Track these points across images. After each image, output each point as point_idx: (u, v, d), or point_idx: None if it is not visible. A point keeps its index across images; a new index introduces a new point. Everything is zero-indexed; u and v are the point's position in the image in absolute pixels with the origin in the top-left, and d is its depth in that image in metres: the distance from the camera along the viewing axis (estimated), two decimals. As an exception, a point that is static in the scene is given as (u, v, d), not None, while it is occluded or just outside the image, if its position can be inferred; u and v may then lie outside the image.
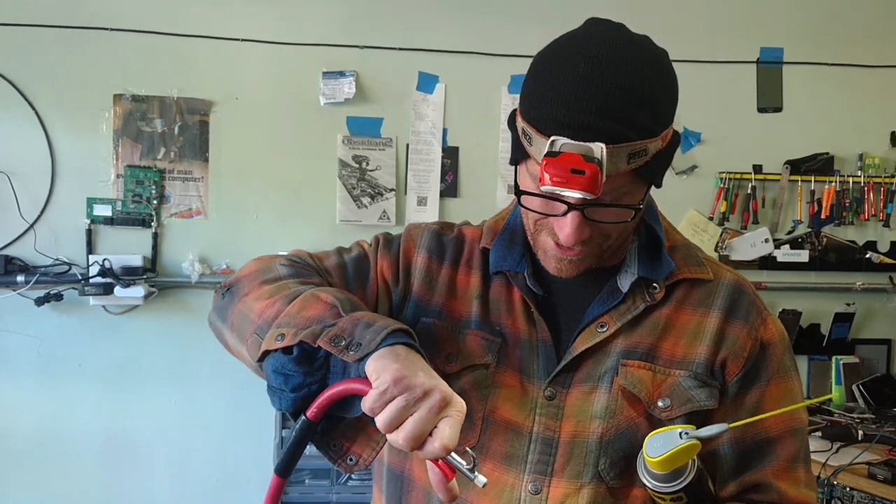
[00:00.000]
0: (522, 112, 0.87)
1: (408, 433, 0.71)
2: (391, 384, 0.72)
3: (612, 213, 0.85)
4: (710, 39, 2.85)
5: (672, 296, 0.95)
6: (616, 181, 0.82)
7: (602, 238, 0.88)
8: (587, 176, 0.78)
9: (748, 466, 0.93)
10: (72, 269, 2.63)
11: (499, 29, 2.74)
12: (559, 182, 0.79)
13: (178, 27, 2.67)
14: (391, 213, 2.78)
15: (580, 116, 0.79)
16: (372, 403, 0.72)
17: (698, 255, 0.99)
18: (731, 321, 0.94)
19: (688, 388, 0.92)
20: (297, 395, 0.80)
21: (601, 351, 0.93)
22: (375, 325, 0.78)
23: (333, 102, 2.74)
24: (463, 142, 2.79)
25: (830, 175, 2.89)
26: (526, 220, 0.93)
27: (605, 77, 0.80)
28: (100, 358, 2.70)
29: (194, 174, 2.71)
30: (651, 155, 0.83)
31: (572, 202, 0.83)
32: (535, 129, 0.83)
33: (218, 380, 2.74)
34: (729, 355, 0.93)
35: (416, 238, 1.03)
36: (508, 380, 0.94)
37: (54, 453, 2.71)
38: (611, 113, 0.79)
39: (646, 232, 0.98)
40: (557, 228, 0.86)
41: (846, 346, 2.95)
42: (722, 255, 2.86)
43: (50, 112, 2.63)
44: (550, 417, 0.92)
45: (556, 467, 0.91)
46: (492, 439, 0.92)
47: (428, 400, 0.72)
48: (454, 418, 0.72)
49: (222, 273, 2.72)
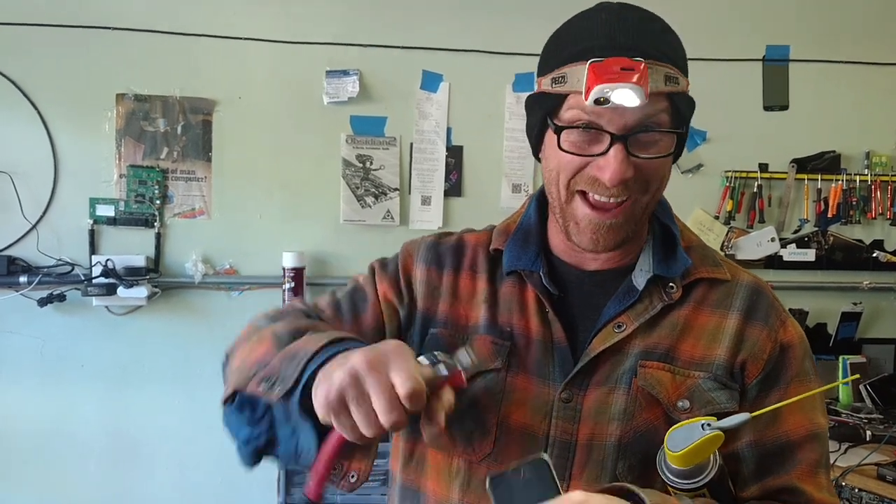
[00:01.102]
0: (547, 68, 0.88)
1: (382, 411, 0.70)
2: (329, 402, 0.71)
3: (655, 147, 0.85)
4: (715, 37, 2.83)
5: (690, 296, 0.94)
6: (655, 107, 0.82)
7: (642, 186, 0.86)
8: (637, 71, 0.78)
9: (770, 471, 0.91)
10: (74, 269, 2.62)
11: (504, 27, 2.72)
12: (609, 79, 0.78)
13: (181, 26, 2.66)
14: (395, 213, 2.77)
15: (619, 36, 0.82)
16: (338, 424, 0.72)
17: (715, 256, 0.98)
18: (751, 323, 0.93)
19: (708, 390, 0.90)
20: (249, 449, 0.79)
21: (619, 352, 0.91)
22: (297, 355, 0.79)
23: (337, 101, 2.72)
24: (467, 141, 2.78)
25: (837, 173, 2.87)
26: (556, 191, 0.90)
27: (631, 17, 0.85)
28: (103, 358, 2.69)
29: (197, 174, 2.70)
30: (682, 89, 0.85)
31: (617, 123, 0.82)
32: (569, 65, 0.83)
33: (221, 380, 2.72)
34: (748, 357, 0.92)
35: (414, 253, 1.03)
36: (521, 383, 0.92)
37: (57, 454, 2.70)
38: (645, 37, 0.83)
39: (660, 230, 0.96)
40: (599, 170, 0.84)
41: (853, 346, 2.92)
42: (728, 254, 2.84)
43: (52, 111, 2.62)
44: (567, 420, 0.90)
45: (574, 472, 0.89)
46: (508, 446, 0.90)
47: (363, 380, 0.71)
48: (392, 363, 0.72)
49: (225, 273, 2.71)
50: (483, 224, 1.07)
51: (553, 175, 0.89)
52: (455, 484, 0.93)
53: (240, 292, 2.73)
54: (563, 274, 0.95)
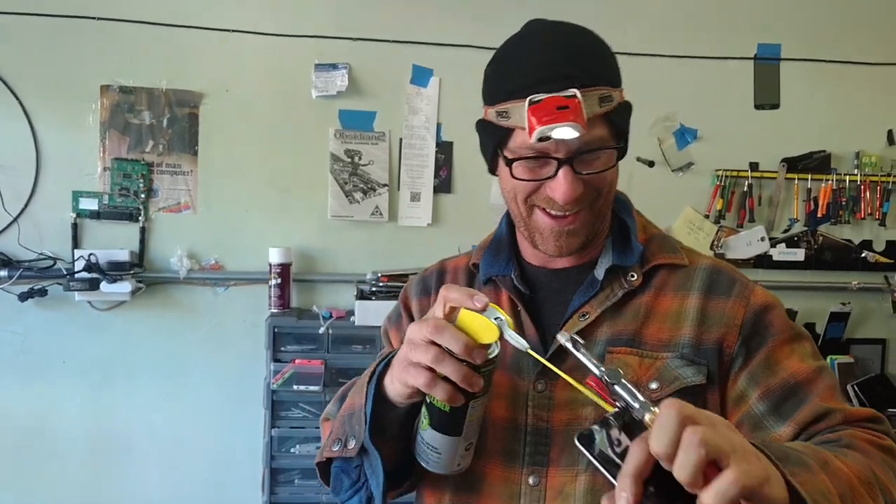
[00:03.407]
0: (492, 100, 0.96)
1: (462, 350, 0.79)
2: (405, 369, 0.83)
3: (598, 161, 0.92)
4: (706, 35, 2.82)
5: (651, 283, 1.00)
6: (594, 130, 0.89)
7: (593, 195, 0.94)
8: (572, 109, 0.86)
9: (792, 410, 0.92)
10: (57, 263, 2.58)
11: (494, 22, 2.69)
12: (548, 120, 0.86)
13: (167, 17, 2.62)
14: (384, 209, 2.74)
15: (552, 69, 0.89)
16: (427, 387, 0.82)
17: (674, 244, 1.04)
18: (712, 299, 0.98)
19: (674, 368, 0.94)
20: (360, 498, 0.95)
21: (587, 340, 0.95)
22: (353, 407, 0.92)
23: (325, 95, 2.69)
24: (457, 137, 2.75)
25: (827, 173, 2.87)
26: (516, 208, 0.97)
27: (562, 41, 0.92)
28: (85, 355, 2.65)
29: (183, 168, 2.66)
30: (616, 104, 0.92)
31: (562, 150, 0.89)
32: (511, 101, 0.91)
33: (207, 377, 2.70)
34: (723, 330, 0.95)
35: (409, 291, 1.14)
36: (500, 379, 0.96)
37: (38, 453, 2.66)
38: (576, 63, 0.90)
39: (618, 225, 1.04)
40: (551, 191, 0.92)
41: (841, 346, 2.92)
42: (718, 252, 2.83)
43: (35, 102, 2.58)
44: (543, 409, 0.95)
45: (552, 457, 0.93)
46: (492, 440, 0.96)
47: (423, 340, 0.81)
48: (442, 333, 0.80)
49: (211, 268, 2.67)
50: (473, 221, 1.14)
51: (511, 195, 0.97)
52: (446, 488, 0.99)
53: (225, 288, 2.70)
54: (532, 275, 1.04)
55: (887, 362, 2.97)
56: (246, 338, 2.68)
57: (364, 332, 2.53)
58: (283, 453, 2.53)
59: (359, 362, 2.52)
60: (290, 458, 2.54)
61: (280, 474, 2.55)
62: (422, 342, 0.81)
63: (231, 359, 2.70)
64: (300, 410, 2.53)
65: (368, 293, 2.58)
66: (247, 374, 2.67)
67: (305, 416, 2.53)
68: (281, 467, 2.54)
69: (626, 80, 0.97)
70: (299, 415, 2.53)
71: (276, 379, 2.48)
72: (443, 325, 0.80)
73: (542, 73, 0.89)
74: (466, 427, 0.85)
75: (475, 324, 0.79)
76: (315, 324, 2.52)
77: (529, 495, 0.93)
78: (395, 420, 0.91)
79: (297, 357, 2.51)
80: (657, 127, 2.81)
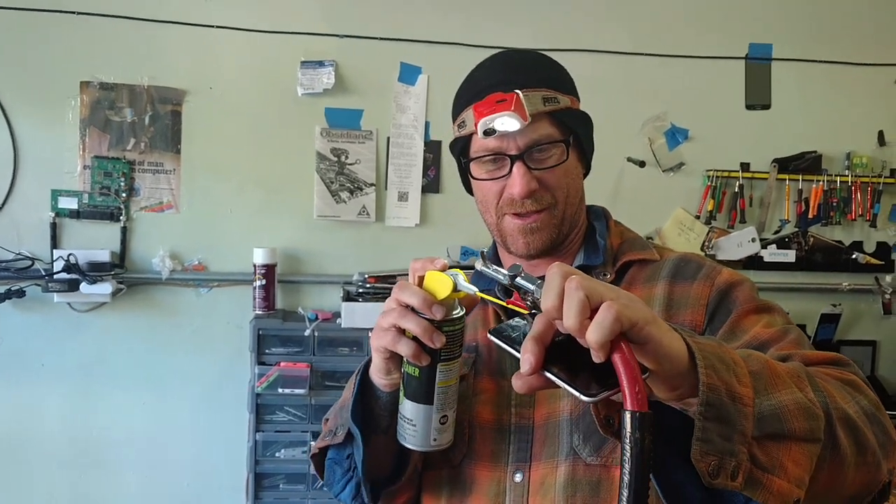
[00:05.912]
0: (454, 117, 1.06)
1: (421, 304, 0.83)
2: (379, 333, 0.88)
3: (550, 158, 1.00)
4: (698, 35, 2.80)
5: (623, 279, 1.04)
6: (539, 127, 0.98)
7: (549, 192, 1.01)
8: (510, 101, 0.95)
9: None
10: (35, 264, 2.53)
11: (483, 20, 2.66)
12: (488, 111, 0.95)
13: (149, 12, 2.57)
14: (371, 209, 2.69)
15: (496, 76, 1.00)
16: (394, 344, 0.86)
17: (646, 243, 1.09)
18: (678, 284, 1.01)
19: None
20: (350, 496, 1.01)
21: None
22: (346, 404, 0.97)
23: (311, 93, 2.64)
24: (446, 136, 2.70)
25: (818, 174, 2.85)
26: (490, 217, 1.06)
27: (513, 57, 1.05)
28: (64, 357, 2.60)
29: (165, 166, 2.61)
30: (564, 106, 1.00)
31: (512, 146, 0.98)
32: (465, 111, 1.02)
33: (189, 380, 2.65)
34: (690, 311, 0.98)
35: None
36: (486, 384, 1.02)
37: (16, 457, 2.61)
38: (519, 70, 1.00)
39: (591, 231, 1.11)
40: (509, 188, 1.00)
41: (832, 348, 2.91)
42: (708, 253, 2.80)
43: (12, 98, 2.52)
44: (525, 407, 0.99)
45: (535, 451, 0.97)
46: (479, 443, 1.00)
47: (391, 304, 0.86)
48: (403, 290, 0.84)
49: (194, 269, 2.62)
50: (462, 222, 1.14)
51: (483, 206, 1.07)
52: (442, 492, 1.02)
53: (208, 289, 2.65)
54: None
55: (878, 364, 2.96)
56: (230, 340, 2.64)
57: (350, 334, 2.49)
58: (267, 458, 2.49)
59: (345, 365, 2.48)
60: (275, 462, 2.50)
61: (265, 479, 2.50)
62: (389, 306, 0.86)
63: (214, 361, 2.65)
64: (285, 414, 2.49)
65: (355, 295, 2.54)
66: (230, 377, 2.62)
67: (291, 419, 2.48)
68: (266, 472, 2.50)
69: (617, 80, 0.96)
70: (284, 418, 2.48)
71: (260, 382, 2.43)
72: (405, 284, 0.85)
73: (489, 81, 1.00)
74: (438, 395, 0.87)
75: (435, 282, 0.84)
76: (300, 326, 2.48)
77: (514, 491, 0.96)
78: (383, 411, 0.95)
79: (282, 360, 2.47)
80: (648, 127, 2.78)
